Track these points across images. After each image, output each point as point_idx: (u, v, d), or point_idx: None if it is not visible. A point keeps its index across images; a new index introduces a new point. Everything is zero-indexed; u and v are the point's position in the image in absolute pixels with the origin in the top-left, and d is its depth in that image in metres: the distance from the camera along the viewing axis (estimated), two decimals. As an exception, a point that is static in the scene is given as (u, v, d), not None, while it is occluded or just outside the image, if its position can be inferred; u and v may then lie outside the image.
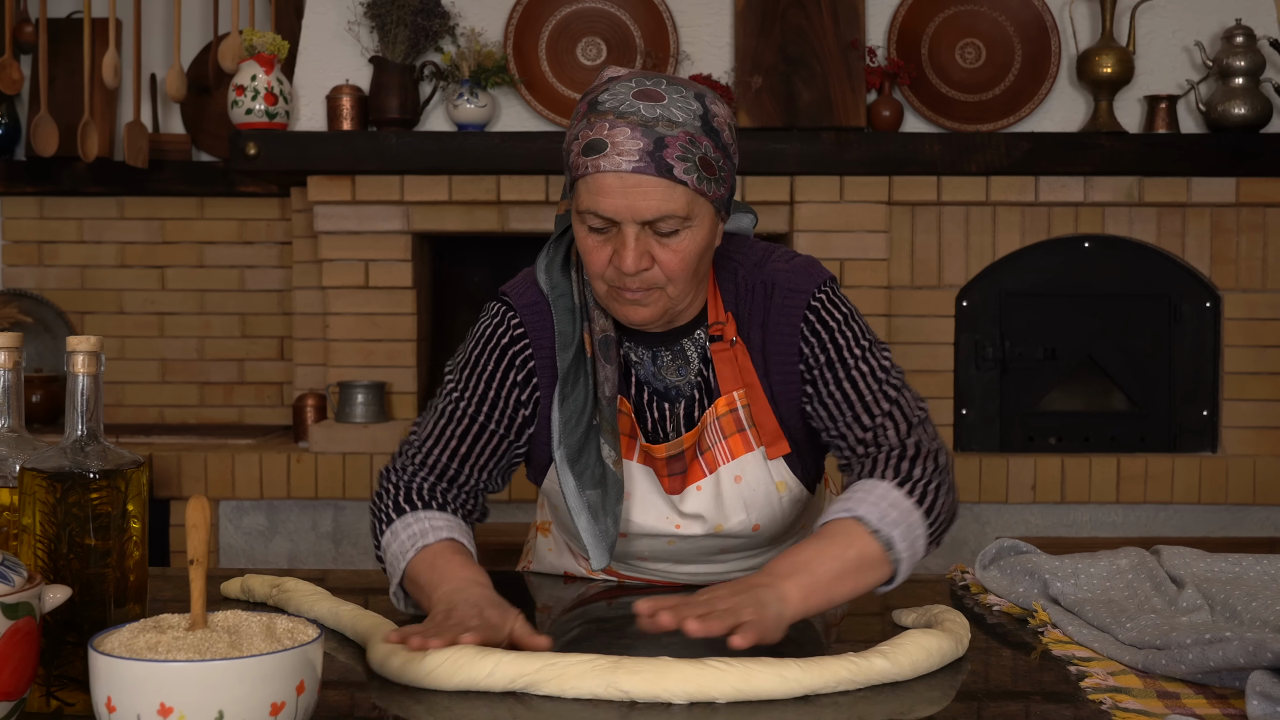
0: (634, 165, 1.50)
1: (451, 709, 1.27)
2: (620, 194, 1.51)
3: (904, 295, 3.99)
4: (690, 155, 1.52)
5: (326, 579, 1.89)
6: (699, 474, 1.72)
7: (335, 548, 3.94)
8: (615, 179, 1.51)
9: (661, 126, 1.51)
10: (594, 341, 1.67)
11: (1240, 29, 3.86)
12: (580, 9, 4.02)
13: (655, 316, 1.61)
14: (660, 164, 1.51)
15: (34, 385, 4.25)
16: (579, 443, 1.65)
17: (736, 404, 1.69)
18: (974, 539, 3.93)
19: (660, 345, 1.71)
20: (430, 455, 1.72)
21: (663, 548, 1.77)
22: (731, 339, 1.68)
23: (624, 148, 1.51)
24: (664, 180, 1.51)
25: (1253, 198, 3.92)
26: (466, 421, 1.71)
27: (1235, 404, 4.01)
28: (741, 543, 1.78)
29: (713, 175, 1.55)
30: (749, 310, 1.69)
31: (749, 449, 1.70)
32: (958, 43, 4.01)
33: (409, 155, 3.84)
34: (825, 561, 1.47)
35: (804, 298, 1.67)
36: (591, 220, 1.55)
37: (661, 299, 1.59)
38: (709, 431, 1.70)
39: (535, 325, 1.71)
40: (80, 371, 1.30)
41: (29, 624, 1.14)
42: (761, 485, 1.72)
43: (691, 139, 1.52)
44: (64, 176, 4.39)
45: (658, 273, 1.57)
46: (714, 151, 1.55)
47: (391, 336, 4.02)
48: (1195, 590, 1.58)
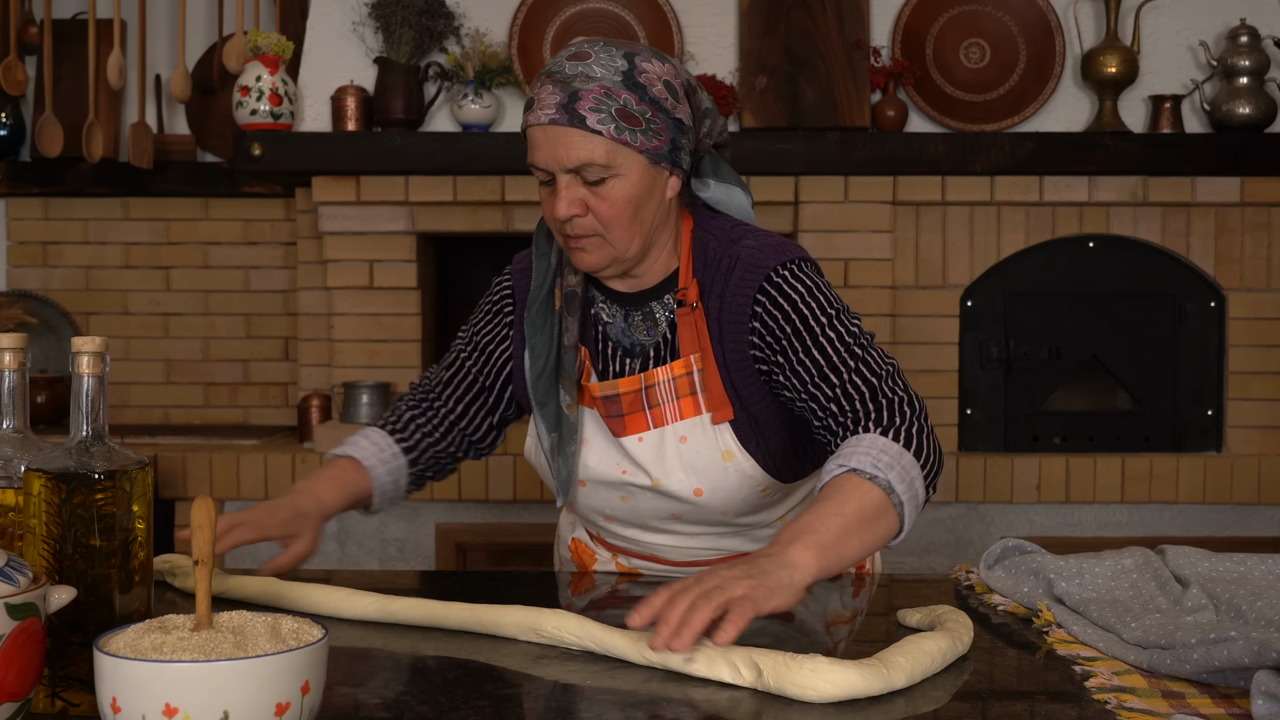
0: (550, 118, 1.65)
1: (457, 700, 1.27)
2: (545, 145, 1.67)
3: (909, 295, 3.99)
4: (604, 106, 1.64)
5: (331, 579, 1.89)
6: (643, 425, 1.79)
7: (340, 548, 3.95)
8: (540, 132, 1.68)
9: (578, 81, 1.65)
10: (562, 295, 1.81)
11: (1245, 28, 3.85)
12: (584, 9, 4.02)
13: (602, 263, 1.74)
14: (573, 115, 1.64)
15: (39, 386, 4.25)
16: (544, 389, 1.80)
17: (693, 368, 1.77)
18: (979, 539, 3.93)
19: (631, 305, 1.82)
20: (429, 377, 2.02)
21: (617, 502, 1.85)
22: (693, 303, 1.76)
23: (545, 102, 1.66)
24: (578, 130, 1.65)
25: (1257, 197, 3.91)
26: (456, 360, 1.98)
27: (1240, 404, 4.01)
28: (693, 511, 1.82)
29: (637, 126, 1.66)
30: (711, 279, 1.77)
31: (697, 413, 1.77)
32: (962, 42, 4.00)
33: (414, 156, 3.85)
34: (827, 520, 1.48)
35: (762, 272, 1.73)
36: (537, 173, 1.71)
37: (604, 246, 1.72)
38: (661, 389, 1.78)
39: (521, 285, 1.90)
40: (85, 372, 1.30)
41: (34, 624, 1.14)
42: (706, 450, 1.77)
43: (607, 91, 1.65)
44: (69, 177, 4.40)
45: (592, 220, 1.70)
46: (636, 104, 1.66)
47: (396, 337, 4.02)
48: (1200, 590, 1.58)
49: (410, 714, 1.26)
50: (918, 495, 1.59)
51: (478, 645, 1.49)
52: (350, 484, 1.89)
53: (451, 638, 1.52)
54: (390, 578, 1.89)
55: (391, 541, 3.93)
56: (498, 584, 1.83)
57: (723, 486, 1.78)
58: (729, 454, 1.77)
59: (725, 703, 1.29)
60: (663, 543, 1.90)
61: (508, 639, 1.51)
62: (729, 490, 1.79)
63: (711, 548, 1.90)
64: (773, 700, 1.29)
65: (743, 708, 1.27)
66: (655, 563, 1.94)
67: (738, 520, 1.86)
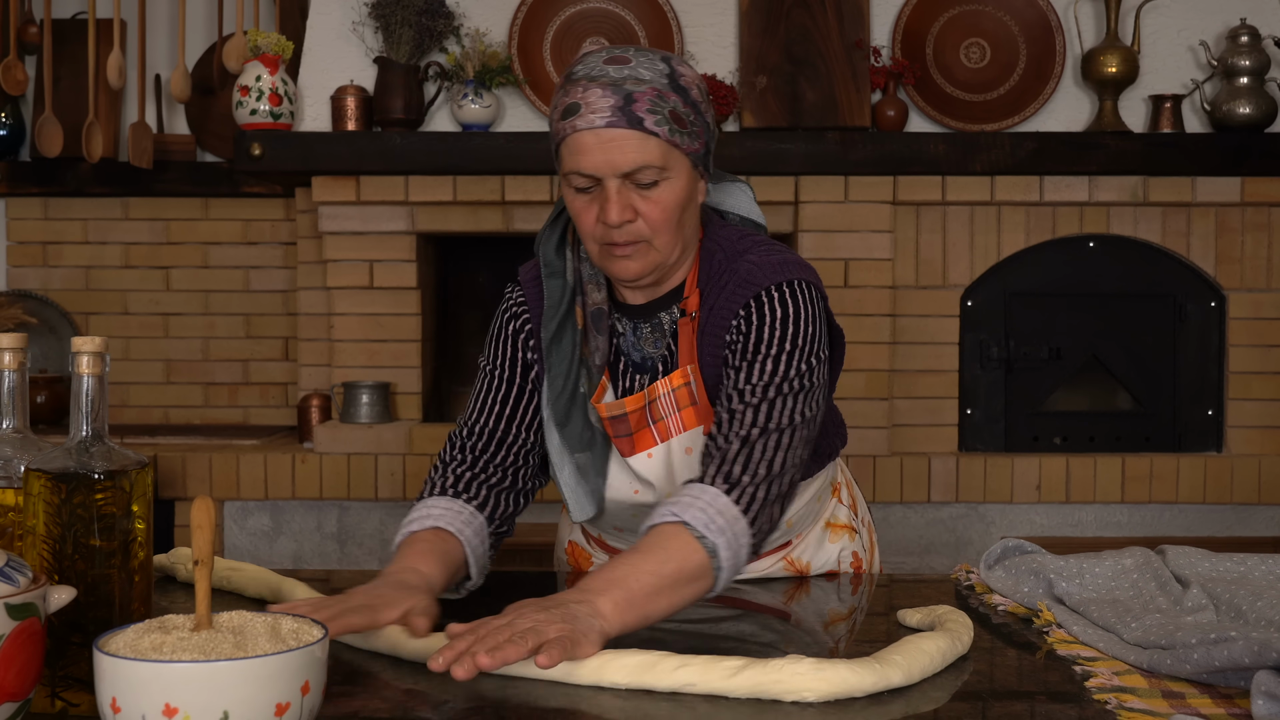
0: (607, 120, 1.60)
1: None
2: (598, 150, 1.61)
3: (909, 295, 3.99)
4: (659, 108, 1.62)
5: (331, 579, 1.89)
6: (650, 441, 1.76)
7: (340, 548, 3.95)
8: (591, 136, 1.61)
9: (630, 84, 1.61)
10: (586, 314, 1.75)
11: (1245, 28, 3.85)
12: (584, 9, 4.02)
13: (644, 270, 1.68)
14: (631, 117, 1.60)
15: (39, 386, 4.25)
16: (565, 407, 1.75)
17: (690, 378, 1.73)
18: (979, 539, 3.93)
19: (640, 318, 1.78)
20: (477, 424, 1.80)
21: (629, 518, 1.82)
22: (692, 313, 1.74)
23: (596, 106, 1.61)
24: (636, 132, 1.61)
25: (1258, 197, 3.91)
26: (503, 386, 1.81)
27: (1240, 404, 4.01)
28: None
29: (684, 129, 1.64)
30: (709, 291, 1.73)
31: (699, 423, 1.74)
32: (962, 42, 4.00)
33: (414, 156, 3.85)
34: (642, 576, 1.44)
35: (752, 290, 1.68)
36: (576, 180, 1.64)
37: (649, 252, 1.67)
38: (663, 402, 1.75)
39: (532, 297, 1.81)
40: (85, 372, 1.30)
41: (34, 625, 1.14)
42: None
43: (659, 94, 1.62)
44: (69, 177, 4.40)
45: (642, 225, 1.64)
46: (683, 106, 1.64)
47: (396, 337, 4.02)
48: (1200, 590, 1.58)
49: (411, 714, 1.26)
50: (739, 564, 1.53)
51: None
52: (447, 556, 1.63)
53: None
54: (390, 578, 1.88)
55: (392, 542, 3.93)
56: (498, 584, 1.82)
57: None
58: None
59: (725, 703, 1.29)
60: None
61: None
62: None
63: None
64: (770, 704, 1.28)
65: (743, 709, 1.27)
66: None
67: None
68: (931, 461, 3.90)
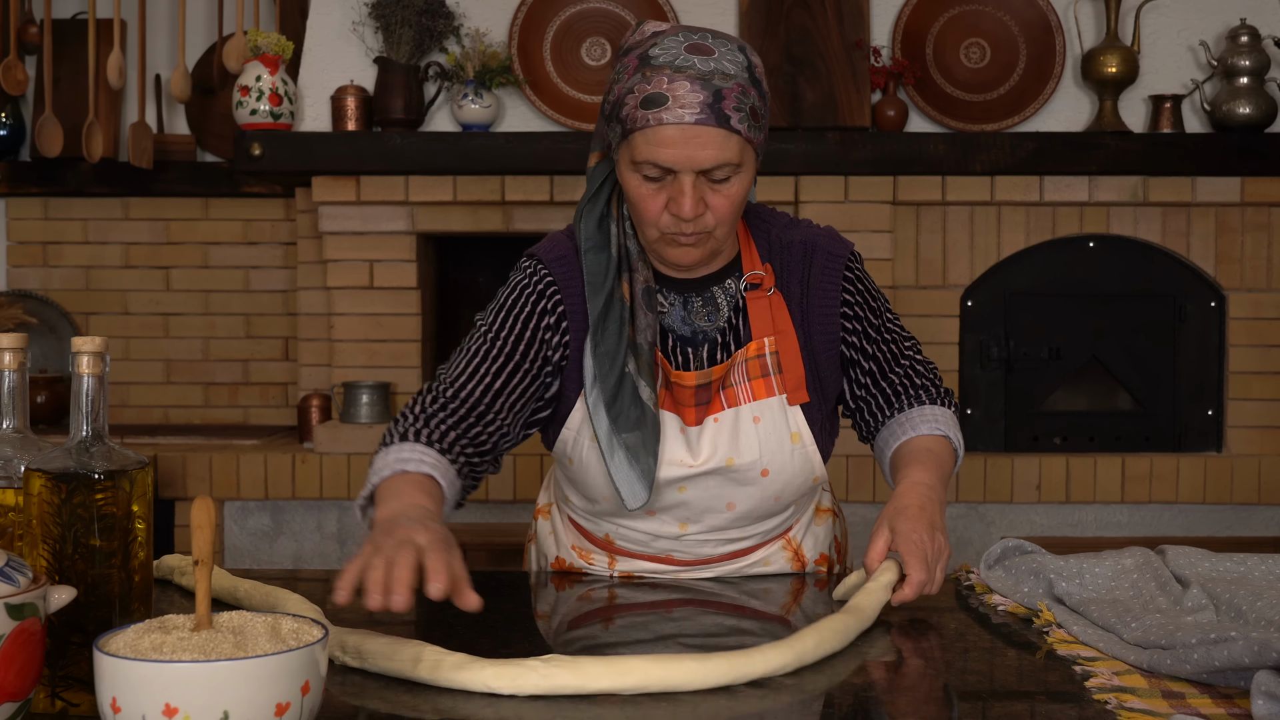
0: (696, 117, 1.60)
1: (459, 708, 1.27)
2: (681, 145, 1.61)
3: (909, 295, 3.99)
4: (743, 105, 1.62)
5: (331, 579, 1.89)
6: (719, 407, 1.77)
7: (340, 548, 3.95)
8: (677, 131, 1.60)
9: (718, 79, 1.61)
10: (634, 291, 1.74)
11: (1245, 28, 3.85)
12: (585, 9, 4.02)
13: (703, 258, 1.73)
14: (719, 115, 1.60)
15: (39, 386, 4.25)
16: (614, 387, 1.72)
17: (765, 350, 1.77)
18: (979, 539, 3.93)
19: (691, 291, 1.79)
20: (463, 390, 1.74)
21: (672, 494, 1.79)
22: (769, 289, 1.78)
23: (685, 100, 1.60)
24: (722, 130, 1.61)
25: (1258, 197, 3.91)
26: (502, 359, 1.76)
27: (1240, 404, 4.01)
28: (750, 496, 1.80)
29: (759, 123, 1.66)
30: (787, 266, 1.80)
31: (771, 394, 1.77)
32: (962, 42, 4.00)
33: (414, 156, 3.85)
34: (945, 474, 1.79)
35: (842, 260, 1.81)
36: (648, 170, 1.64)
37: (709, 241, 1.70)
38: (735, 370, 1.77)
39: (564, 276, 1.78)
40: (85, 372, 1.30)
41: (34, 625, 1.14)
42: (777, 430, 1.78)
43: (743, 90, 1.62)
44: (69, 177, 4.40)
45: (709, 218, 1.66)
46: (759, 101, 1.65)
47: (396, 337, 4.02)
48: (1200, 590, 1.58)
49: (411, 715, 1.26)
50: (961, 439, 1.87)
51: (479, 646, 1.49)
52: (437, 498, 1.63)
53: (451, 638, 1.52)
54: (390, 578, 1.88)
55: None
56: (497, 584, 1.82)
57: (787, 469, 1.79)
58: (797, 436, 1.79)
59: (727, 702, 1.29)
60: (691, 539, 1.85)
61: (511, 640, 1.51)
62: (791, 473, 1.80)
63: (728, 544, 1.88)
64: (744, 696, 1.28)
65: (743, 706, 1.27)
66: (663, 563, 1.89)
67: (779, 509, 1.86)
68: (931, 461, 3.90)
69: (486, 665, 1.30)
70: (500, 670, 1.29)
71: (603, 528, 1.89)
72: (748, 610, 1.71)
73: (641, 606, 1.71)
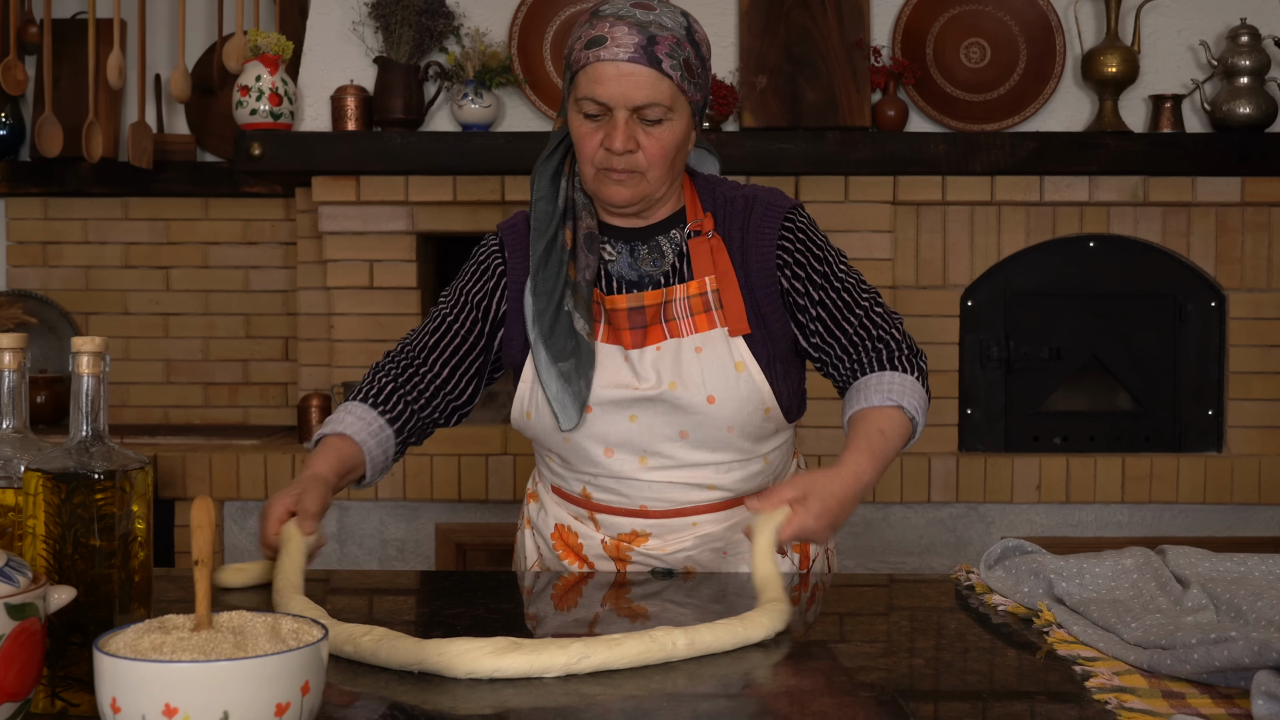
0: (629, 56, 1.79)
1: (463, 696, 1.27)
2: (616, 81, 1.79)
3: (909, 295, 3.98)
4: (676, 55, 1.81)
5: (332, 579, 1.89)
6: (660, 336, 1.92)
7: (340, 548, 3.95)
8: (612, 67, 1.79)
9: (654, 28, 1.80)
10: (577, 235, 1.92)
11: (1245, 28, 3.85)
12: (583, 9, 4.02)
13: (633, 199, 1.88)
14: (651, 56, 1.79)
15: (39, 386, 4.25)
16: (550, 321, 1.89)
17: (707, 288, 1.92)
18: (979, 539, 3.93)
19: (638, 240, 1.95)
20: (416, 357, 2.02)
21: (624, 425, 1.91)
22: (709, 232, 1.93)
23: (622, 41, 1.79)
24: (653, 71, 1.79)
25: (1258, 197, 3.91)
26: (441, 324, 2.02)
27: (1240, 403, 4.01)
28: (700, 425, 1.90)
29: (693, 79, 1.84)
30: (728, 215, 1.95)
31: (713, 326, 1.91)
32: (962, 42, 4.00)
33: (413, 156, 3.84)
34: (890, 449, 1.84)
35: (782, 210, 1.95)
36: (587, 106, 1.82)
37: (641, 183, 1.86)
38: (677, 304, 1.92)
39: (511, 238, 2.01)
40: (85, 372, 1.30)
41: (34, 625, 1.14)
42: (720, 359, 1.90)
43: (677, 42, 1.81)
44: (69, 177, 4.40)
45: (640, 157, 1.83)
46: (694, 59, 1.84)
47: (396, 337, 4.02)
48: (1200, 590, 1.58)
49: (411, 714, 1.26)
50: (925, 413, 1.91)
51: (478, 645, 1.49)
52: (346, 459, 1.91)
53: (452, 637, 1.52)
54: (390, 578, 1.89)
55: (391, 542, 3.93)
56: (497, 584, 1.83)
57: (733, 396, 1.89)
58: (741, 365, 1.90)
59: (728, 706, 1.29)
60: (657, 479, 1.94)
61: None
62: (738, 400, 1.89)
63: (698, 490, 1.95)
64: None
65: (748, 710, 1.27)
66: (641, 518, 1.96)
67: (737, 443, 1.94)
68: (931, 461, 3.90)
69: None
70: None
71: (580, 479, 1.98)
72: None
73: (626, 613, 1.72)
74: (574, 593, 1.81)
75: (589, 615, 1.70)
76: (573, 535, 2.03)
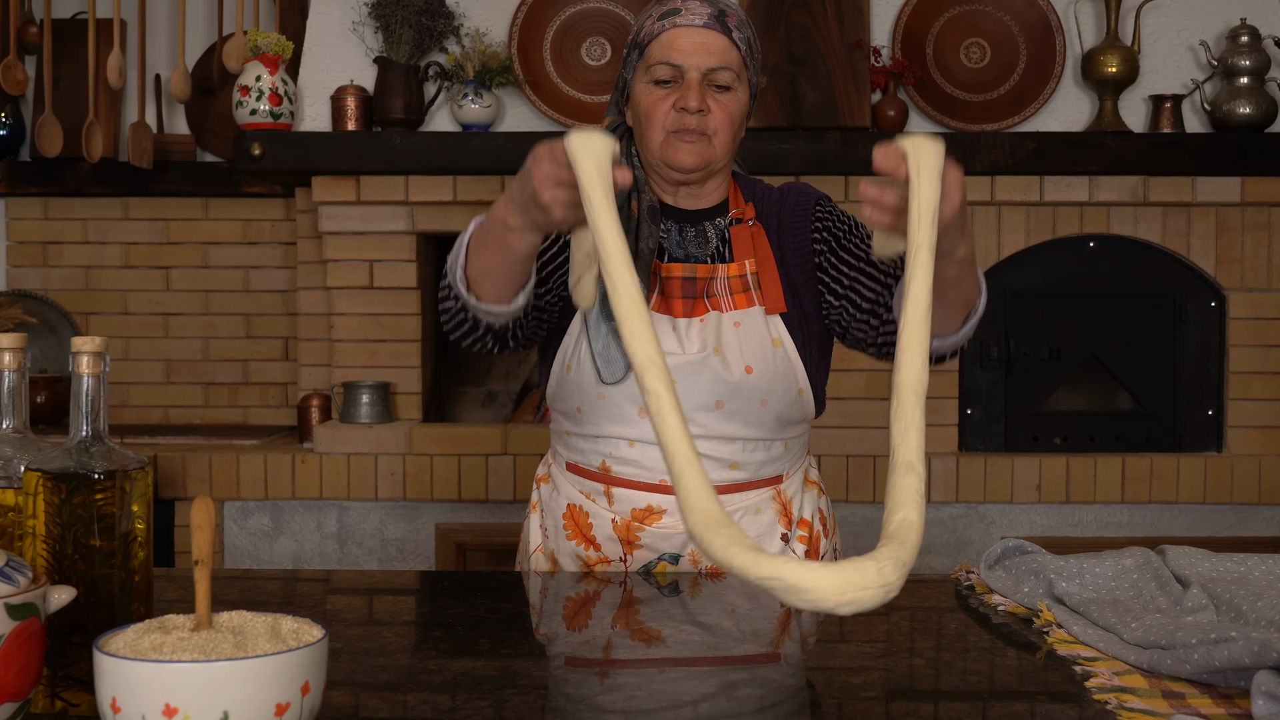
0: (704, 22, 1.93)
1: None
2: (690, 45, 1.92)
3: (909, 295, 3.98)
4: (743, 30, 1.96)
5: (331, 579, 1.89)
6: (704, 309, 1.99)
7: (340, 548, 3.95)
8: (688, 33, 1.93)
9: (722, 3, 1.96)
10: (642, 207, 1.98)
11: (1245, 28, 3.85)
12: (585, 9, 4.02)
13: (700, 163, 1.96)
14: (724, 25, 1.94)
15: (38, 386, 4.25)
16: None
17: (746, 270, 2.01)
18: (979, 539, 3.93)
19: (687, 222, 2.04)
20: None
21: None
22: (749, 220, 2.04)
23: (695, 10, 1.94)
24: (725, 38, 1.93)
25: (1258, 197, 3.91)
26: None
27: (1240, 404, 4.00)
28: (736, 394, 1.95)
29: (753, 58, 1.98)
30: (765, 205, 2.07)
31: (751, 305, 2.00)
32: (962, 42, 4.00)
33: (413, 156, 3.85)
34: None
35: (813, 195, 2.07)
36: (660, 71, 1.93)
37: (708, 148, 1.95)
38: (718, 284, 2.00)
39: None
40: (85, 372, 1.30)
41: (34, 625, 1.14)
42: (758, 334, 1.98)
43: (743, 20, 1.97)
44: (68, 177, 4.40)
45: (710, 120, 1.94)
46: (754, 41, 1.99)
47: (396, 337, 4.02)
48: (1200, 590, 1.58)
49: (410, 714, 1.26)
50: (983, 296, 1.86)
51: (478, 646, 1.49)
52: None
53: (451, 638, 1.52)
54: (390, 578, 1.89)
55: (391, 541, 3.93)
56: (497, 584, 1.83)
57: (770, 370, 1.96)
58: (778, 341, 1.98)
59: (727, 706, 1.29)
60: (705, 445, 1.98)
61: (510, 640, 1.51)
62: (774, 374, 1.97)
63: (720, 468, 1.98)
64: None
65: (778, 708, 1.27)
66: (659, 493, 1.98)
67: (768, 421, 1.99)
68: (931, 461, 3.90)
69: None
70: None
71: (600, 451, 2.00)
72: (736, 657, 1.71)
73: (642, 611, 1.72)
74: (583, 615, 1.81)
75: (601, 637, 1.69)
76: (584, 515, 2.04)
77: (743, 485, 2.01)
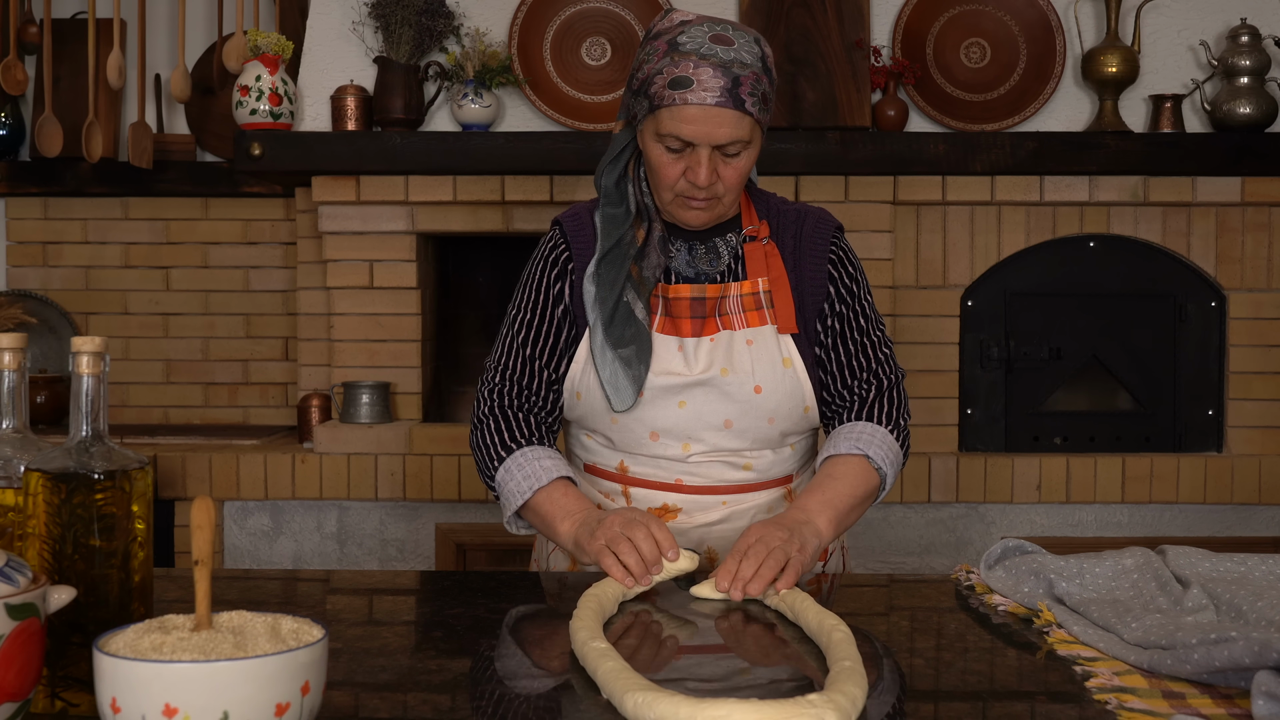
0: (717, 100, 1.87)
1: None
2: (702, 123, 1.88)
3: (909, 295, 3.99)
4: (756, 91, 1.89)
5: (331, 579, 1.89)
6: (715, 328, 2.02)
7: (340, 548, 3.95)
8: (699, 110, 1.87)
9: (736, 68, 1.87)
10: (650, 236, 2.02)
11: (1245, 28, 3.85)
12: (585, 9, 4.02)
13: (710, 222, 2.01)
14: (736, 99, 1.87)
15: (38, 386, 4.25)
16: (610, 309, 1.98)
17: (759, 288, 2.03)
18: (979, 539, 3.93)
19: (697, 240, 2.06)
20: (505, 368, 2.07)
21: (673, 410, 2.00)
22: (764, 238, 2.05)
23: (708, 85, 1.86)
24: (737, 112, 1.88)
25: (1258, 197, 3.91)
26: (526, 332, 2.06)
27: (1240, 404, 4.01)
28: (745, 413, 2.00)
29: (768, 106, 1.94)
30: (781, 224, 2.08)
31: (764, 323, 2.02)
32: (962, 42, 4.00)
33: (413, 156, 3.84)
34: (845, 498, 1.92)
35: (832, 226, 2.09)
36: (670, 142, 1.91)
37: (717, 206, 1.98)
38: (731, 301, 2.03)
39: (575, 228, 2.08)
40: (85, 372, 1.30)
41: (34, 625, 1.14)
42: (769, 352, 2.01)
43: (756, 78, 1.89)
44: (68, 177, 4.39)
45: (719, 186, 1.94)
46: (769, 88, 1.93)
47: (396, 337, 4.02)
48: (1200, 590, 1.58)
49: (410, 714, 1.26)
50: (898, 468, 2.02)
51: (477, 646, 1.49)
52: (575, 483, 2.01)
53: (451, 638, 1.52)
54: (390, 578, 1.89)
55: (391, 542, 3.93)
56: (497, 584, 1.83)
57: (779, 389, 2.00)
58: (788, 361, 2.01)
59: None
60: (697, 454, 2.03)
61: (508, 639, 1.51)
62: (783, 394, 2.00)
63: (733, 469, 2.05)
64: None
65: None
66: (676, 492, 2.04)
67: (775, 437, 2.04)
68: (931, 461, 3.90)
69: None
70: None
71: (619, 454, 2.06)
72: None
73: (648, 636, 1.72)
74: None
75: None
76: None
77: (754, 485, 2.06)
